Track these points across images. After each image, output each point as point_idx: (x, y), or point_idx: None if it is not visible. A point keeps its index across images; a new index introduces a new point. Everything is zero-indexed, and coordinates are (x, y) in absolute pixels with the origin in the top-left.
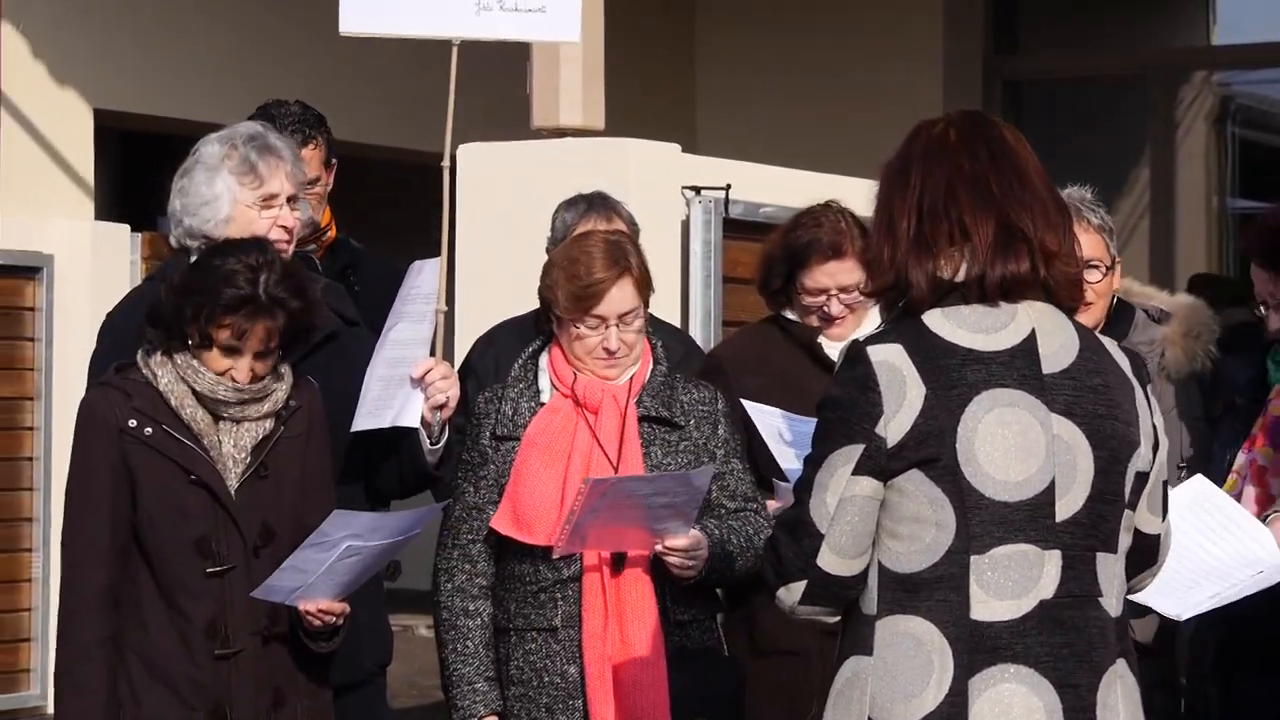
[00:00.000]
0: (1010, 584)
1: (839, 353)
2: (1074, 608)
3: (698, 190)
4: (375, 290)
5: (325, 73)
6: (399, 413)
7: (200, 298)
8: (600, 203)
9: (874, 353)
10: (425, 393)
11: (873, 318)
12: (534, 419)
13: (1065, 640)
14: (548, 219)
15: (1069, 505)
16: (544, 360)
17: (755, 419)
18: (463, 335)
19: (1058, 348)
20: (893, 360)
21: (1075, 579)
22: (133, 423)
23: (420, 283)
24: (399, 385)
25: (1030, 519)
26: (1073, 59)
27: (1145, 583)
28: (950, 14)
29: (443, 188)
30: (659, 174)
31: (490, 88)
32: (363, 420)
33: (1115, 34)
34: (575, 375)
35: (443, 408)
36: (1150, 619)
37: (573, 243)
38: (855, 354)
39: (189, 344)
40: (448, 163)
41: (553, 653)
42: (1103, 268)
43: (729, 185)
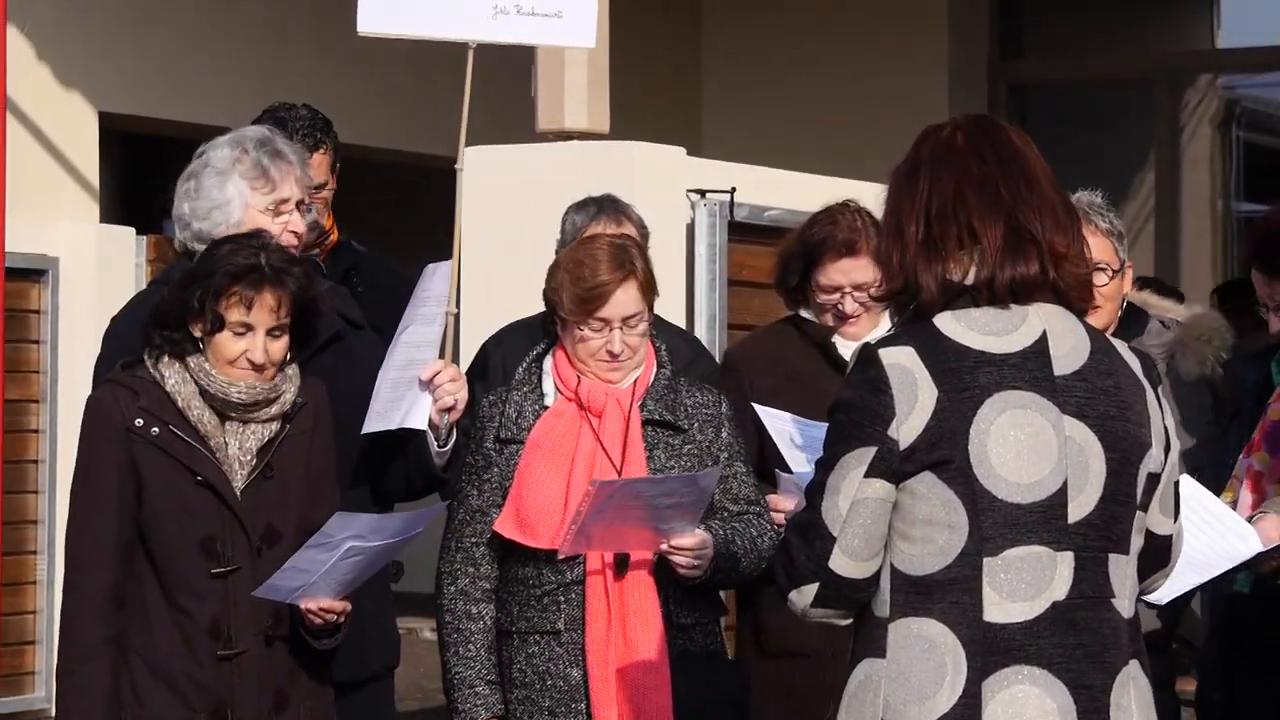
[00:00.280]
0: (1023, 586)
1: (851, 356)
2: (1087, 609)
3: (703, 193)
4: (378, 292)
5: (328, 76)
6: (406, 414)
7: (203, 281)
8: (610, 206)
9: (886, 355)
10: (433, 395)
11: (887, 318)
12: (538, 422)
13: (1079, 641)
14: (552, 222)
15: (1081, 507)
16: (548, 363)
17: (766, 422)
18: (468, 338)
19: (1069, 349)
20: (904, 363)
21: (1088, 580)
22: (139, 422)
23: (432, 285)
24: (409, 387)
25: (1043, 520)
26: (1078, 63)
27: (1157, 584)
28: (955, 17)
29: (456, 190)
30: (664, 177)
31: (493, 91)
32: (373, 422)
33: (1120, 38)
34: (579, 379)
35: (450, 410)
36: (1147, 615)
37: (578, 245)
38: (867, 356)
39: (199, 340)
40: (461, 165)
41: (556, 656)
42: (1109, 271)
43: (734, 189)
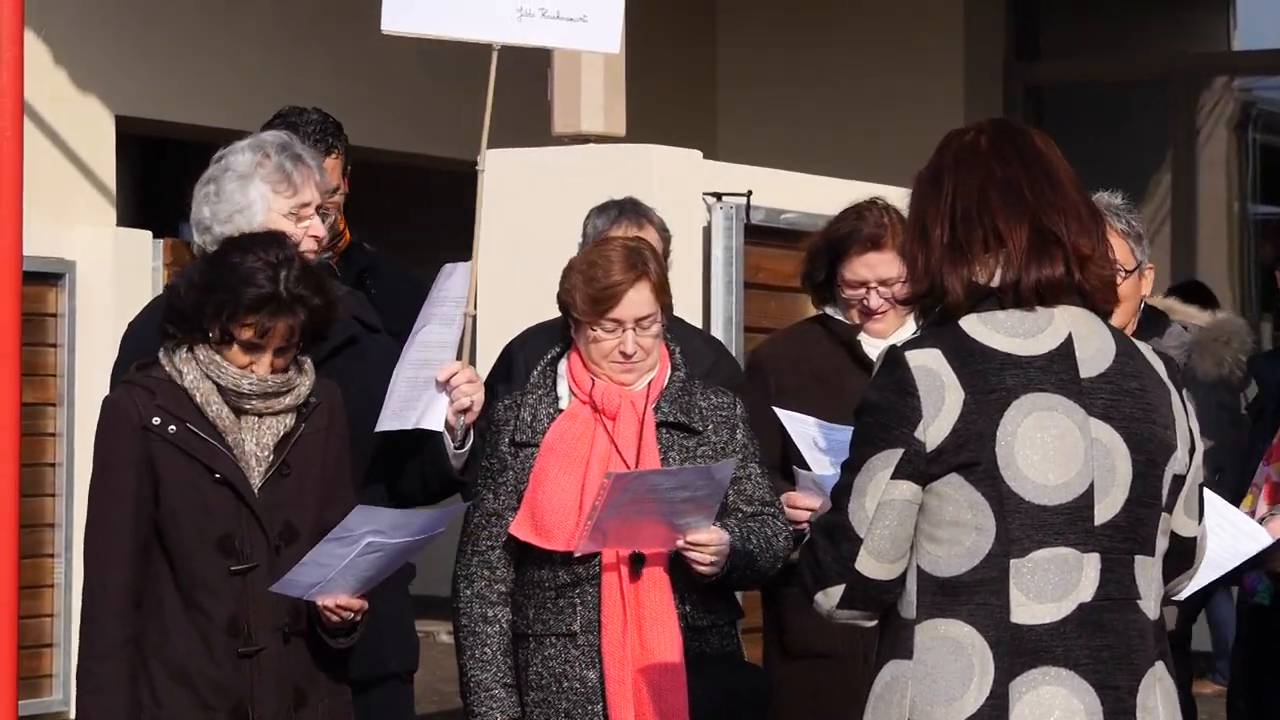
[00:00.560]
0: (1050, 587)
1: (878, 355)
2: (1113, 610)
3: (719, 196)
4: (391, 295)
5: (344, 80)
6: (423, 415)
7: (222, 296)
8: (632, 209)
9: (912, 357)
10: (450, 396)
11: (912, 318)
12: (553, 425)
13: (1105, 643)
14: (568, 225)
15: (1108, 508)
16: (563, 366)
17: (788, 426)
18: (485, 340)
19: (1094, 352)
20: (931, 365)
21: (1114, 582)
22: (156, 420)
23: (450, 285)
24: (425, 387)
25: (1069, 522)
26: (1093, 65)
27: (1182, 586)
28: (971, 20)
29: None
30: (680, 180)
31: (509, 94)
32: (388, 421)
33: (1136, 39)
34: (593, 381)
35: (466, 411)
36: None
37: (591, 248)
38: (893, 359)
39: (210, 339)
40: (482, 165)
41: (572, 658)
42: (1123, 271)
43: (750, 191)
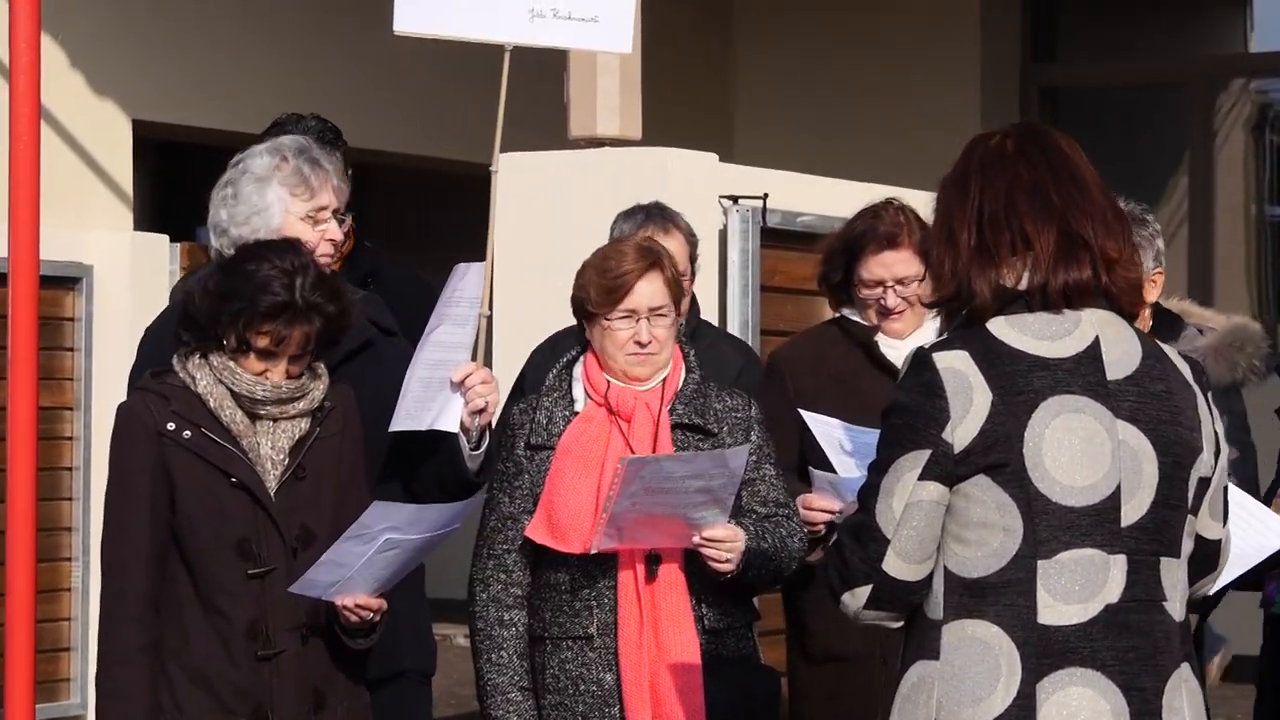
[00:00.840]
0: (1077, 588)
1: (904, 360)
2: (1139, 612)
3: (735, 199)
4: (396, 295)
5: (359, 84)
6: (438, 416)
7: (237, 304)
8: (658, 214)
9: (940, 359)
10: (465, 397)
11: (931, 320)
12: (568, 428)
13: (1131, 644)
14: (585, 227)
15: (1134, 510)
16: (578, 370)
17: (814, 429)
18: (500, 342)
19: (1121, 354)
20: (959, 366)
21: (1140, 583)
22: (171, 426)
23: (464, 286)
24: (439, 388)
25: (1096, 524)
26: (1110, 67)
27: (1205, 588)
28: (987, 22)
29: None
30: (696, 183)
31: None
32: (401, 421)
33: (1152, 41)
34: (609, 384)
35: (482, 412)
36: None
37: (605, 246)
38: (921, 360)
39: (225, 346)
40: (496, 167)
41: (588, 660)
42: None
43: (766, 194)
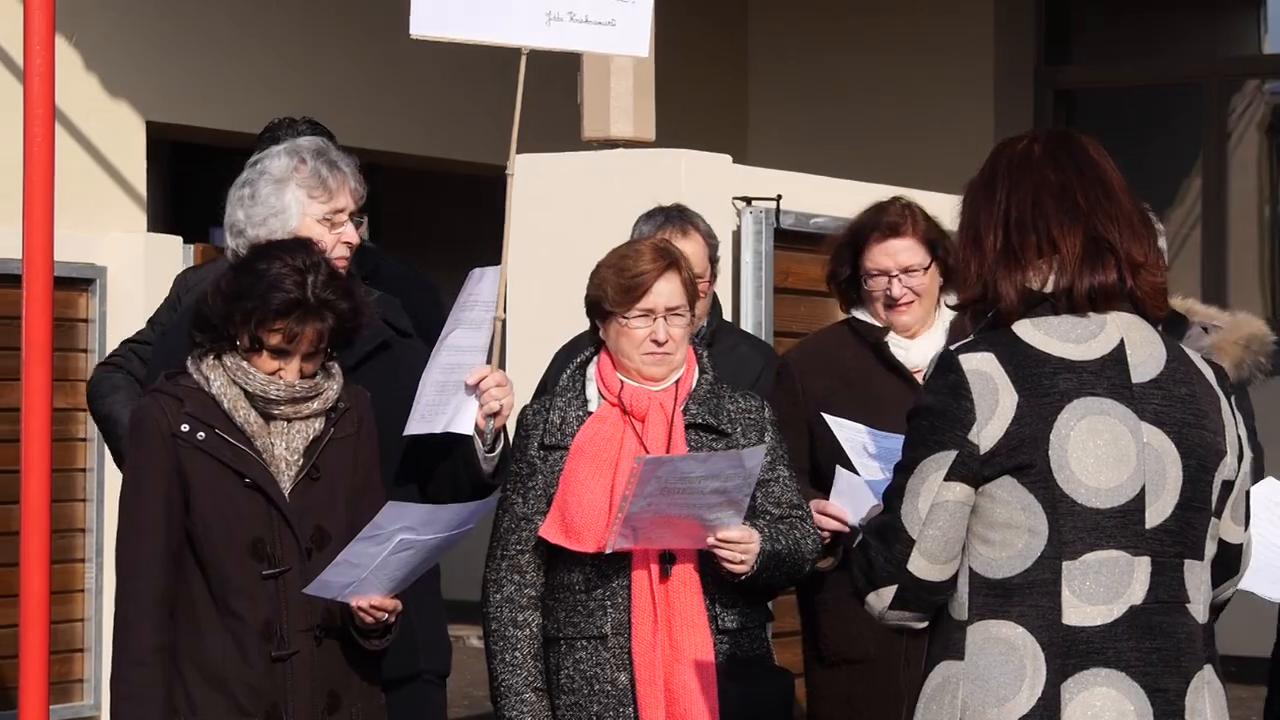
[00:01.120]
0: (1101, 590)
1: (927, 362)
2: (1163, 614)
3: (749, 201)
4: (397, 294)
5: (369, 86)
6: (452, 419)
7: (249, 303)
8: (678, 216)
9: (966, 361)
10: (480, 400)
11: (940, 321)
12: (582, 428)
13: (1155, 645)
14: (599, 229)
15: (1159, 512)
16: (591, 370)
17: (838, 433)
18: (513, 344)
19: (1146, 357)
20: (985, 368)
21: (1164, 585)
22: (185, 427)
23: (480, 290)
24: (454, 391)
25: (1121, 525)
26: (1124, 68)
27: (1226, 593)
28: (1001, 23)
29: (506, 195)
30: (710, 185)
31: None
32: (416, 424)
33: (1166, 42)
34: (622, 384)
35: (497, 415)
36: None
37: (620, 246)
38: (947, 362)
39: (238, 346)
40: (512, 169)
41: (603, 660)
42: None
43: (779, 196)
